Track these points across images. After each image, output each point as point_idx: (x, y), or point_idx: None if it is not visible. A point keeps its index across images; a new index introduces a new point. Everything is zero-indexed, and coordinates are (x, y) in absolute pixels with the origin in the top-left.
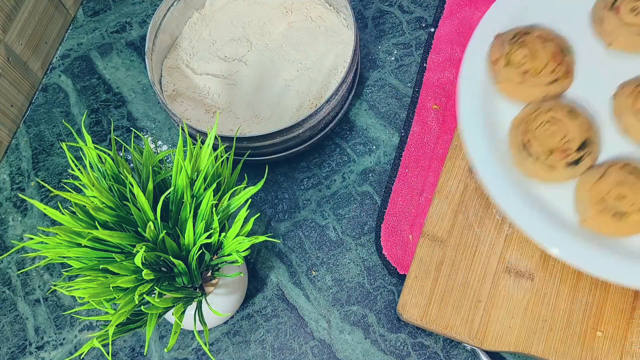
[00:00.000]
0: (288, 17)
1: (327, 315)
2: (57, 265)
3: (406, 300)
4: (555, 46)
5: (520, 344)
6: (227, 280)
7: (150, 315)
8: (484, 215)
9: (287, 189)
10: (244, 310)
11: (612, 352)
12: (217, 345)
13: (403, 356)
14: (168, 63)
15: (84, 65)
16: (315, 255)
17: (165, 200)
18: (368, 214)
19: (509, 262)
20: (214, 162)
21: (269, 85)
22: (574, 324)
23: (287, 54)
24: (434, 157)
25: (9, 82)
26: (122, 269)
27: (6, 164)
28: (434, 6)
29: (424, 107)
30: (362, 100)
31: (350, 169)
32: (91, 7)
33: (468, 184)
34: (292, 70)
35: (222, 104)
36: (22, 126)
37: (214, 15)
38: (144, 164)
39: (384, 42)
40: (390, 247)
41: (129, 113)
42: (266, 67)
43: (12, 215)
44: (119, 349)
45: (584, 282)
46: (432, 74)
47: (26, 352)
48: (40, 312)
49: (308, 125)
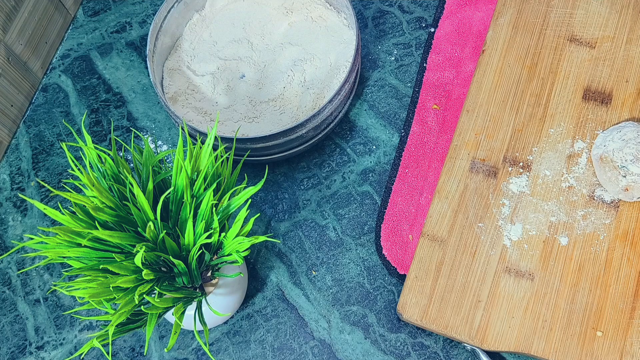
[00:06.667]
0: (288, 17)
1: (327, 315)
2: (57, 265)
3: (406, 300)
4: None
5: (520, 344)
6: (227, 280)
7: (150, 315)
8: (484, 215)
9: (287, 189)
10: (244, 310)
11: (612, 352)
12: (217, 345)
13: (403, 356)
14: (169, 65)
15: (84, 65)
16: (315, 255)
17: (165, 200)
18: (368, 214)
19: (509, 262)
20: (214, 162)
21: (269, 85)
22: (574, 324)
23: (287, 54)
24: (434, 157)
25: (9, 82)
26: (122, 269)
27: (6, 164)
28: (434, 6)
29: (424, 107)
30: (363, 100)
31: (350, 169)
32: (91, 7)
33: (468, 184)
34: (292, 71)
35: (223, 105)
36: (22, 126)
37: (214, 17)
38: (144, 164)
39: (384, 42)
40: (390, 247)
41: (129, 113)
42: (267, 68)
43: (12, 215)
44: (119, 349)
45: (584, 282)
46: (432, 74)
47: (26, 352)
48: (40, 312)
49: (311, 126)
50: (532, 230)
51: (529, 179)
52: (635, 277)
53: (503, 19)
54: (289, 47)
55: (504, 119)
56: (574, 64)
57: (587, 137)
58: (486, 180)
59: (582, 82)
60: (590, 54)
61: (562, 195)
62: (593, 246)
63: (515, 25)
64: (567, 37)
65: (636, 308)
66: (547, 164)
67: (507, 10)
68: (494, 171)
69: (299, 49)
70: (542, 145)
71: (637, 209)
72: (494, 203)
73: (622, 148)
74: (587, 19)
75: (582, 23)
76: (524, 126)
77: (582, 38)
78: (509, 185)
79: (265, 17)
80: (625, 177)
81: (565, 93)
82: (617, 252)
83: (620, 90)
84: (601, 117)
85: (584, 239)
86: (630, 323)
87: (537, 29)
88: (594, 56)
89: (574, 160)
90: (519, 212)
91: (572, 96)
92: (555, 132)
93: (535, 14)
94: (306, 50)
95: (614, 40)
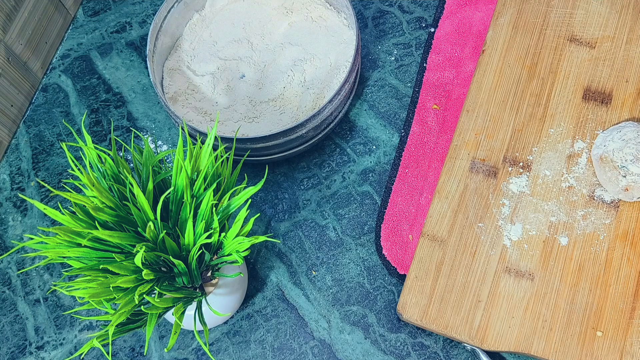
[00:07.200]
0: (288, 17)
1: (327, 315)
2: (57, 265)
3: (406, 300)
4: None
5: (520, 343)
6: (227, 280)
7: (150, 315)
8: (484, 215)
9: (287, 189)
10: (244, 310)
11: (612, 352)
12: (217, 345)
13: (403, 356)
14: (169, 65)
15: (84, 65)
16: (315, 255)
17: (165, 200)
18: (368, 214)
19: (509, 262)
20: (214, 162)
21: (269, 85)
22: (574, 324)
23: (287, 54)
24: (434, 157)
25: (9, 82)
26: (122, 269)
27: (6, 164)
28: (434, 6)
29: (424, 107)
30: (363, 100)
31: (350, 169)
32: (91, 7)
33: (468, 184)
34: (293, 71)
35: (223, 105)
36: (22, 126)
37: (214, 17)
38: (144, 164)
39: (384, 42)
40: (390, 247)
41: (129, 113)
42: (267, 68)
43: (12, 215)
44: (119, 349)
45: (584, 282)
46: (432, 74)
47: (26, 352)
48: (40, 312)
49: (311, 126)
50: (532, 230)
51: (529, 179)
52: (635, 277)
53: (503, 19)
54: (289, 47)
55: (504, 119)
56: (574, 64)
57: (587, 137)
58: (486, 180)
59: (582, 82)
60: (590, 54)
61: (562, 195)
62: (593, 246)
63: (515, 25)
64: (567, 37)
65: (636, 308)
66: (547, 164)
67: (507, 10)
68: (494, 171)
69: (299, 49)
70: (542, 145)
71: (637, 209)
72: (494, 203)
73: (622, 148)
74: (587, 19)
75: (582, 23)
76: (524, 126)
77: (582, 38)
78: (509, 185)
79: (265, 17)
80: (625, 177)
81: (565, 93)
82: (617, 252)
83: (620, 90)
84: (601, 117)
85: (584, 239)
86: (630, 323)
87: (537, 29)
88: (594, 56)
89: (574, 160)
90: (519, 212)
91: (572, 96)
92: (555, 132)
93: (535, 14)
94: (306, 50)
95: (614, 40)
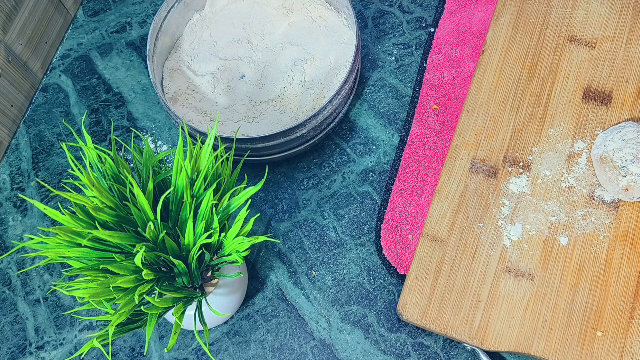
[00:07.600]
0: (288, 17)
1: (327, 315)
2: (57, 265)
3: (406, 300)
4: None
5: (520, 344)
6: (227, 280)
7: (150, 315)
8: (484, 216)
9: (287, 189)
10: (244, 310)
11: (612, 352)
12: (217, 345)
13: (403, 356)
14: (169, 65)
15: (84, 65)
16: (315, 255)
17: (165, 200)
18: (368, 214)
19: (509, 262)
20: (214, 162)
21: (269, 85)
22: (574, 324)
23: (287, 54)
24: (434, 157)
25: (9, 82)
26: (122, 269)
27: (6, 164)
28: (434, 6)
29: (424, 107)
30: (363, 100)
31: (350, 169)
32: (91, 7)
33: (468, 184)
34: (293, 71)
35: (223, 105)
36: (22, 126)
37: (214, 17)
38: (144, 164)
39: (384, 42)
40: (390, 247)
41: (129, 113)
42: (267, 68)
43: (12, 215)
44: (119, 349)
45: (584, 282)
46: (432, 74)
47: (26, 352)
48: (40, 312)
49: (311, 126)
50: (532, 230)
51: (529, 179)
52: (635, 277)
53: (503, 19)
54: (289, 47)
55: (504, 119)
56: (574, 64)
57: (587, 137)
58: (486, 180)
59: (582, 82)
60: (590, 54)
61: (562, 195)
62: (593, 246)
63: (515, 25)
64: (567, 37)
65: (636, 308)
66: (547, 164)
67: (507, 10)
68: (494, 171)
69: (299, 49)
70: (542, 145)
71: (637, 209)
72: (494, 203)
73: (622, 148)
74: (587, 19)
75: (582, 23)
76: (524, 126)
77: (582, 38)
78: (509, 185)
79: (265, 17)
80: (625, 177)
81: (565, 93)
82: (617, 252)
83: (620, 90)
84: (601, 117)
85: (584, 239)
86: (630, 323)
87: (537, 29)
88: (594, 56)
89: (574, 160)
90: (519, 212)
91: (572, 96)
92: (555, 132)
93: (535, 14)
94: (306, 50)
95: (614, 40)
